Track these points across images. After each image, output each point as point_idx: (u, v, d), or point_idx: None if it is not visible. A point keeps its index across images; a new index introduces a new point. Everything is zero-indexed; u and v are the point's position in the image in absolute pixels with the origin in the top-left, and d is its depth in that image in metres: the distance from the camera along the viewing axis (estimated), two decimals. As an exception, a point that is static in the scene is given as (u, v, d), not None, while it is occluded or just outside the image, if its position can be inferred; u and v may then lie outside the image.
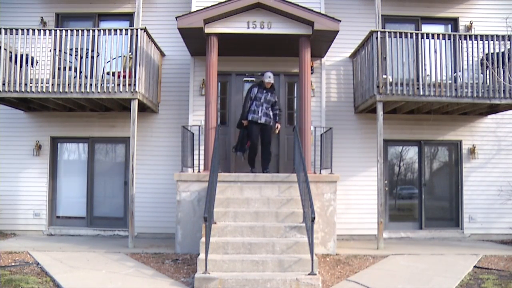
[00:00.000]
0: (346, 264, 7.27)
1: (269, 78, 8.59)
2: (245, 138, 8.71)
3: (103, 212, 10.21)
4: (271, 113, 8.69)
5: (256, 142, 8.64)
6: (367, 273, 6.79)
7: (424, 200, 10.28)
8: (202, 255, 6.16)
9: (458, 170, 10.36)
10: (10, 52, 8.70)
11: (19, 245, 8.49)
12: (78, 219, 10.20)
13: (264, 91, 8.64)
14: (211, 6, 8.29)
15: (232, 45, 8.95)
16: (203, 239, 6.34)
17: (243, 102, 8.90)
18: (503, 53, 8.73)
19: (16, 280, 5.95)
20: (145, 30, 8.80)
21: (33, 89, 8.62)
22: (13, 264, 7.03)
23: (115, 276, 6.36)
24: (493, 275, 6.61)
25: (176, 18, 8.30)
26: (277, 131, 8.91)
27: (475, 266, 7.16)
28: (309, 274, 5.96)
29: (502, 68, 8.71)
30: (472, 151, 10.23)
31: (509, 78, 8.63)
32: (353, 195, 9.77)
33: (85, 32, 8.70)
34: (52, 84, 8.62)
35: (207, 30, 8.46)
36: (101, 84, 8.62)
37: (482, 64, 8.90)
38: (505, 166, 10.24)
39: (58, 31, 8.77)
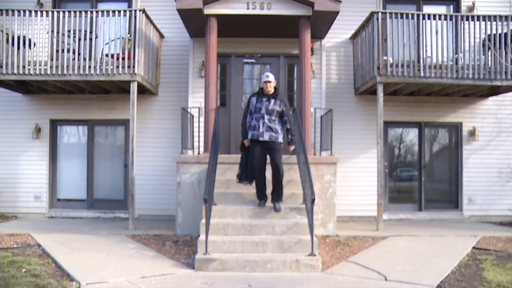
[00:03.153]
0: (346, 245, 7.30)
1: (266, 78, 6.91)
2: (249, 162, 7.11)
3: (103, 195, 10.25)
4: (277, 127, 6.94)
5: (261, 166, 6.94)
6: (366, 254, 6.83)
7: (423, 182, 10.30)
8: (202, 237, 6.19)
9: (458, 152, 10.35)
10: (7, 34, 8.61)
11: (20, 227, 8.52)
12: (78, 202, 10.23)
13: (265, 99, 6.94)
14: (210, -14, 8.19)
15: (231, 26, 8.85)
16: (203, 220, 6.37)
17: (242, 116, 7.29)
18: (505, 34, 8.65)
19: (18, 261, 5.98)
20: (143, 11, 8.70)
21: (31, 72, 8.56)
22: (15, 246, 7.06)
23: (116, 257, 6.40)
24: (491, 256, 6.65)
25: (175, -1, 8.21)
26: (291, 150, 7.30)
27: (473, 247, 7.19)
28: (309, 255, 6.00)
29: (505, 49, 8.64)
30: (472, 133, 10.21)
31: (511, 59, 8.57)
32: (353, 176, 9.78)
33: (83, 13, 8.60)
34: (50, 67, 8.56)
35: (206, 11, 8.35)
36: (100, 66, 8.56)
37: (484, 45, 8.82)
38: (505, 148, 10.23)
39: (55, 13, 8.64)
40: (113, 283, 5.26)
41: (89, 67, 8.53)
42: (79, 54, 8.70)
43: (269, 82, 6.92)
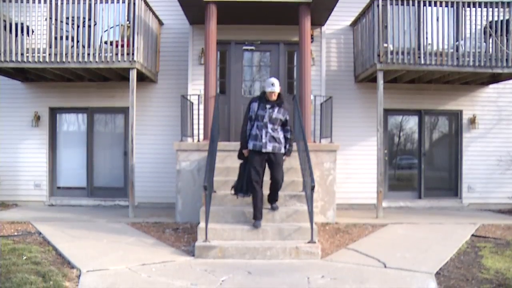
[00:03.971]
0: (346, 233, 7.33)
1: (272, 87, 6.30)
2: (247, 173, 6.49)
3: (103, 183, 10.26)
4: (280, 136, 6.42)
5: (260, 179, 6.36)
6: (366, 241, 6.85)
7: (423, 170, 10.31)
8: (202, 224, 6.21)
9: (458, 140, 10.35)
10: (4, 21, 8.54)
11: (21, 215, 8.55)
12: (78, 190, 10.25)
13: (268, 106, 6.36)
14: (210, -28, 8.11)
15: (231, 13, 8.77)
16: (203, 208, 6.38)
17: (242, 122, 6.69)
18: (507, 20, 8.61)
19: (19, 249, 6.00)
20: (142, -2, 8.66)
21: (30, 59, 8.52)
22: (15, 233, 7.09)
23: (116, 245, 6.41)
24: (490, 243, 6.68)
25: (173, -15, 8.14)
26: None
27: (472, 235, 7.22)
28: (308, 242, 6.02)
29: (506, 36, 8.60)
30: (472, 121, 10.20)
31: (512, 46, 8.54)
32: (353, 164, 9.79)
33: (81, 0, 8.53)
34: (49, 54, 8.51)
35: (206, -3, 8.30)
36: (99, 54, 8.52)
37: (485, 32, 8.77)
38: (505, 136, 10.24)
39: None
40: (113, 271, 5.28)
41: (88, 54, 8.49)
42: (78, 41, 8.64)
43: (274, 92, 6.33)
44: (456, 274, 5.29)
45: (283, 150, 6.46)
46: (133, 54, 8.48)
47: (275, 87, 6.30)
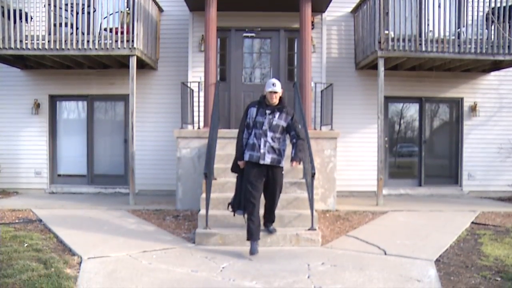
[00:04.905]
0: (346, 220, 7.35)
1: (272, 86, 5.52)
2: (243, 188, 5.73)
3: (104, 170, 10.27)
4: (281, 147, 5.66)
5: (258, 194, 5.57)
6: (366, 228, 6.87)
7: (424, 157, 10.31)
8: (202, 211, 6.21)
9: (459, 128, 10.34)
10: (2, 7, 8.49)
11: (22, 203, 8.57)
12: (79, 177, 10.27)
13: (268, 112, 5.59)
14: (210, -42, 8.03)
15: (231, -1, 8.74)
16: (204, 195, 6.38)
17: (238, 129, 5.85)
18: (510, 6, 8.53)
19: (20, 236, 6.02)
20: (141, -16, 8.58)
21: (29, 46, 8.48)
22: (16, 221, 7.11)
23: (117, 232, 6.42)
24: (490, 231, 6.69)
25: (173, -29, 8.07)
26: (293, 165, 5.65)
27: (472, 222, 7.24)
28: (309, 230, 6.03)
29: (508, 22, 8.53)
30: (473, 108, 10.17)
31: (514, 33, 8.48)
32: (353, 151, 9.79)
33: (80, -14, 8.48)
34: (48, 41, 8.47)
35: (206, -17, 8.23)
36: (98, 41, 8.47)
37: (487, 19, 8.72)
38: (506, 123, 10.22)
39: (52, -15, 8.55)
40: (114, 258, 5.29)
41: (88, 41, 8.45)
42: (77, 28, 8.58)
43: (276, 93, 5.56)
44: (455, 261, 5.30)
45: (282, 163, 5.71)
46: (133, 41, 8.43)
47: (276, 87, 5.54)
